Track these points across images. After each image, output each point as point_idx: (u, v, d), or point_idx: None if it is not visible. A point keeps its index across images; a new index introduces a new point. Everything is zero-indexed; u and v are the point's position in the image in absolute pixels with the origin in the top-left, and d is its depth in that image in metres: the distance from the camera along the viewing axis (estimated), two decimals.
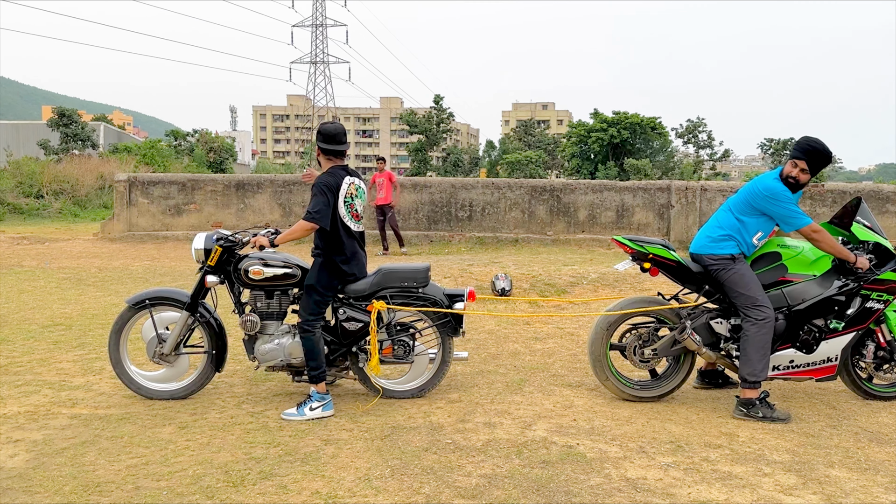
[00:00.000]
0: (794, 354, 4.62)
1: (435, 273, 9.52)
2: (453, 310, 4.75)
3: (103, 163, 28.00)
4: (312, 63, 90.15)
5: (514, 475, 3.59)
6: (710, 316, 4.70)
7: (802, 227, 4.42)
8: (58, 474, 3.55)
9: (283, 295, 4.71)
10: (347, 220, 4.57)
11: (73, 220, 20.80)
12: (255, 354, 4.67)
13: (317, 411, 4.40)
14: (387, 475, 3.57)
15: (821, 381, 4.72)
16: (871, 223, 4.70)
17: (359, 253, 4.69)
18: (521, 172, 51.84)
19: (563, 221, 13.96)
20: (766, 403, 4.46)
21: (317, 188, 4.48)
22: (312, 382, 4.50)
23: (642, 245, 4.70)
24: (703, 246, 4.64)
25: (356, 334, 4.69)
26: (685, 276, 4.72)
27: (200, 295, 4.73)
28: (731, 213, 4.62)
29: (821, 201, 13.11)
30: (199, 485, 3.44)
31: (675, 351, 4.73)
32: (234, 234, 4.74)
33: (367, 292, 4.68)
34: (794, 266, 4.64)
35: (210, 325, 4.75)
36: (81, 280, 9.73)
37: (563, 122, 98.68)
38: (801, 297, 4.59)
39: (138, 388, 4.74)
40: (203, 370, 4.77)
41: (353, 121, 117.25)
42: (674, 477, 3.60)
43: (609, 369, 4.78)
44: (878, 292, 4.58)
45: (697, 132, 61.40)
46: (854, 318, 4.59)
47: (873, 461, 3.87)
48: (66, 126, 36.76)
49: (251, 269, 4.59)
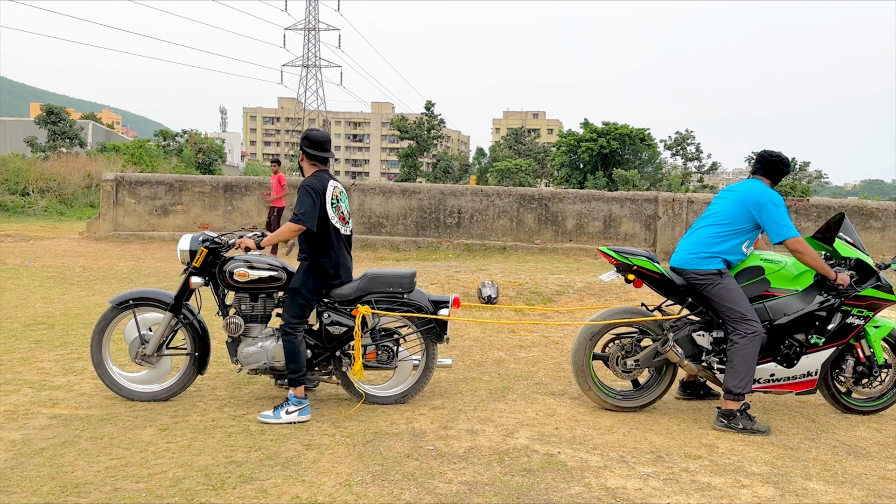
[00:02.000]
0: (774, 368, 4.66)
1: (422, 279, 9.52)
2: (438, 316, 4.75)
3: (91, 161, 27.84)
4: (304, 66, 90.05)
5: (495, 483, 3.60)
6: (693, 328, 4.74)
7: (790, 238, 4.46)
8: (35, 474, 3.52)
9: (267, 298, 4.70)
10: (335, 222, 4.58)
11: (58, 218, 20.66)
12: (237, 357, 4.66)
13: (293, 415, 4.39)
14: (368, 481, 3.57)
15: (801, 394, 4.77)
16: (853, 239, 4.75)
17: (346, 256, 4.70)
18: (510, 180, 51.97)
19: (550, 230, 14.01)
20: (747, 415, 4.49)
21: (303, 190, 4.47)
22: (291, 386, 4.49)
23: (627, 256, 4.73)
24: (688, 261, 4.65)
25: (340, 339, 4.68)
26: (668, 288, 4.75)
27: (184, 296, 4.71)
28: (717, 225, 4.61)
29: (805, 216, 13.23)
30: (179, 487, 3.42)
31: (657, 362, 4.76)
32: (220, 236, 4.73)
33: (352, 297, 4.68)
34: (777, 280, 4.68)
35: (193, 326, 4.73)
36: (65, 279, 9.66)
37: (553, 131, 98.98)
38: (783, 311, 4.64)
39: (120, 388, 4.71)
40: (185, 372, 4.75)
41: (343, 125, 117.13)
42: (653, 487, 3.63)
43: (592, 379, 4.80)
44: (858, 308, 4.63)
45: (686, 144, 61.79)
46: (834, 334, 4.64)
47: (850, 474, 3.91)
48: (54, 124, 36.54)
49: (236, 272, 4.58)
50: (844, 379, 4.86)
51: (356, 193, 14.36)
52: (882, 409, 4.96)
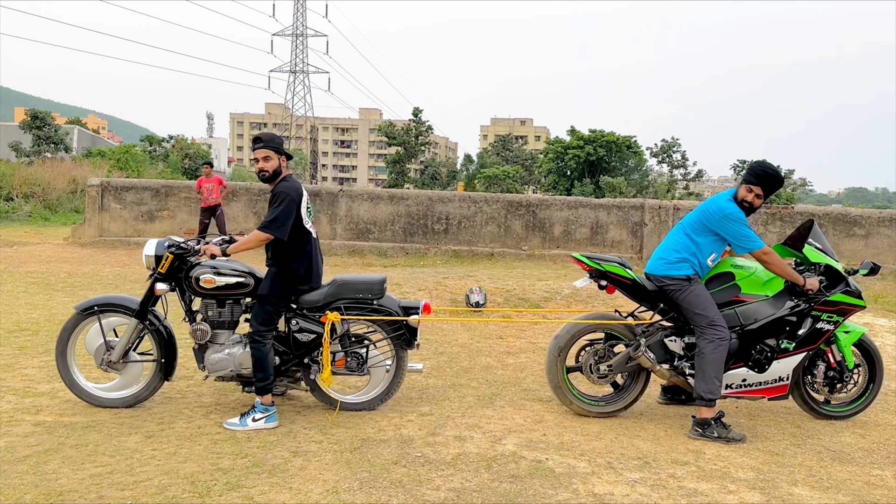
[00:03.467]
0: (746, 373, 4.70)
1: (409, 285, 9.52)
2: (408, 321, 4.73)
3: (76, 167, 27.65)
4: (292, 72, 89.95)
5: (483, 489, 3.59)
6: (665, 334, 4.77)
7: (754, 249, 4.50)
8: (19, 482, 3.48)
9: (235, 304, 4.64)
10: (309, 227, 4.57)
11: (43, 223, 20.48)
12: (204, 364, 4.61)
13: (259, 422, 4.36)
14: (355, 488, 3.56)
15: (773, 399, 4.80)
16: (822, 245, 4.81)
17: (319, 260, 4.68)
18: (498, 187, 52.06)
19: (538, 237, 14.05)
20: (722, 423, 4.52)
21: (280, 197, 4.41)
22: (258, 393, 4.45)
23: (599, 263, 4.76)
24: (658, 267, 4.69)
25: (309, 345, 4.65)
26: (640, 294, 4.78)
27: (150, 302, 4.65)
28: (685, 234, 4.67)
29: (790, 223, 13.34)
30: (165, 495, 3.40)
31: (629, 367, 4.79)
32: (187, 241, 4.66)
33: (321, 303, 4.65)
34: (747, 286, 4.72)
35: (159, 332, 4.67)
36: (50, 285, 9.57)
37: (540, 138, 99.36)
38: (754, 316, 4.67)
39: (80, 392, 4.65)
40: (151, 378, 4.70)
41: (331, 131, 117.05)
42: (640, 493, 3.64)
43: (571, 393, 4.83)
44: (828, 313, 4.68)
45: (672, 152, 62.17)
46: (805, 339, 4.69)
47: (835, 480, 3.93)
48: (38, 128, 36.26)
49: (202, 278, 4.52)
50: (816, 384, 4.90)
51: (344, 199, 14.34)
52: (853, 414, 4.99)
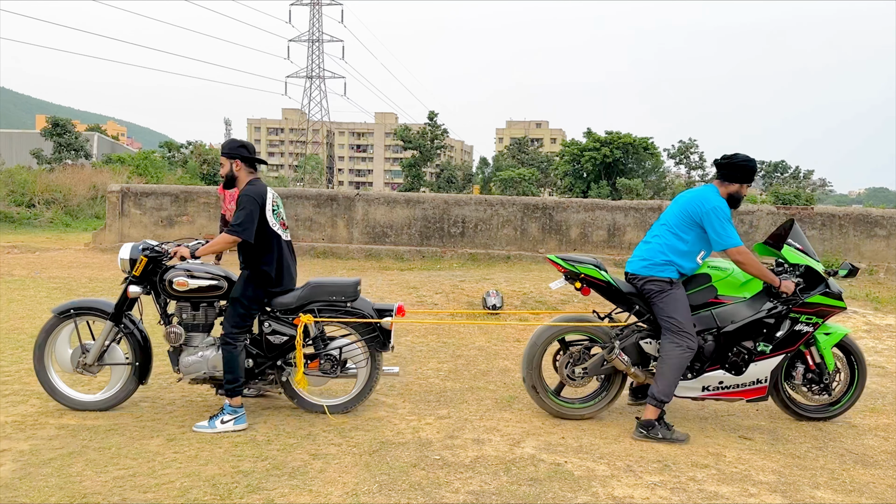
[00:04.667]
0: (723, 376, 4.66)
1: (426, 288, 9.53)
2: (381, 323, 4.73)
3: (96, 173, 27.97)
4: (308, 77, 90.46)
5: (502, 492, 3.60)
6: (640, 336, 4.74)
7: (731, 247, 4.45)
8: (44, 485, 3.53)
9: (209, 307, 4.66)
10: (276, 229, 4.58)
11: (64, 229, 20.72)
12: (178, 367, 4.64)
13: (228, 425, 4.38)
14: (374, 490, 3.57)
15: (751, 402, 4.77)
16: (802, 245, 4.75)
17: (289, 262, 4.68)
18: (514, 190, 52.03)
19: (555, 239, 14.01)
20: (665, 424, 4.48)
21: (243, 200, 4.46)
22: (228, 395, 4.48)
23: (574, 265, 4.75)
24: (642, 268, 4.63)
25: (282, 348, 4.66)
26: (615, 295, 4.75)
27: (125, 305, 4.68)
28: (671, 233, 4.61)
29: (810, 224, 13.22)
30: (187, 497, 3.43)
31: (605, 370, 4.77)
32: (161, 245, 4.69)
33: (295, 305, 4.67)
34: (724, 288, 4.68)
35: (134, 336, 4.71)
36: (72, 290, 9.69)
37: (556, 140, 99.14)
38: (731, 318, 4.63)
39: (54, 393, 4.69)
40: (126, 382, 4.73)
41: (347, 135, 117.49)
42: (660, 496, 3.62)
43: (556, 403, 4.83)
44: (807, 315, 4.63)
45: (689, 153, 61.86)
46: (783, 341, 4.65)
47: (858, 483, 3.90)
48: (59, 136, 36.77)
49: (175, 280, 4.55)
50: (796, 386, 4.85)
51: (360, 204, 14.39)
52: (835, 416, 4.92)
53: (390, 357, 6.44)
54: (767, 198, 43.81)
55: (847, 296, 10.60)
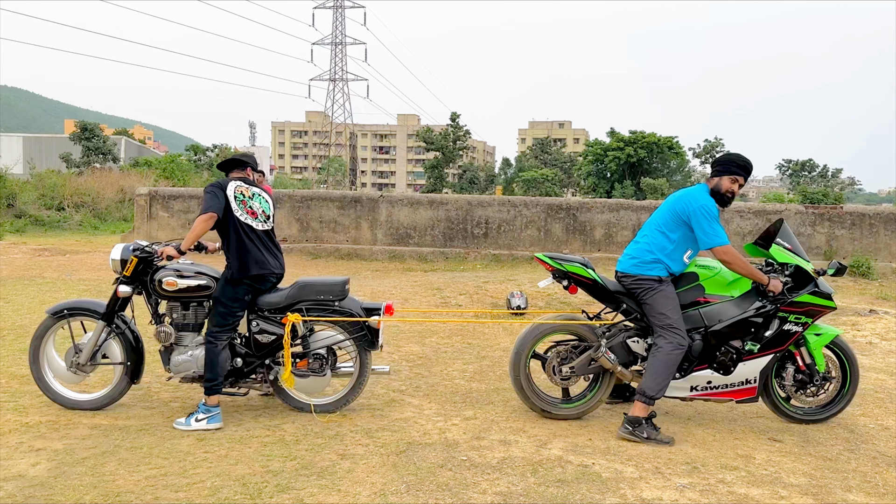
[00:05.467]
0: (711, 375, 4.61)
1: (450, 290, 9.54)
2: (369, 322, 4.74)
3: (124, 176, 28.38)
4: (331, 80, 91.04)
5: (530, 493, 3.59)
6: (628, 335, 4.71)
7: (717, 246, 4.42)
8: (78, 483, 3.60)
9: (198, 306, 4.71)
10: (240, 215, 4.60)
11: (93, 232, 21.05)
12: (169, 365, 4.68)
13: (202, 423, 4.42)
14: (402, 491, 3.59)
15: (742, 402, 4.70)
16: (791, 245, 4.68)
17: (262, 249, 4.65)
18: (536, 190, 51.90)
19: (579, 240, 13.96)
20: (652, 424, 4.44)
21: (205, 190, 4.60)
22: (206, 393, 4.51)
23: (561, 263, 4.74)
24: (631, 266, 4.63)
25: (270, 347, 4.69)
26: (602, 294, 4.74)
27: (116, 306, 4.73)
28: (660, 231, 4.60)
29: (839, 223, 13.03)
30: (217, 497, 3.47)
31: (592, 369, 4.74)
32: (151, 245, 4.74)
33: (283, 305, 4.70)
34: (712, 287, 4.64)
35: (125, 336, 4.76)
36: (101, 292, 9.83)
37: (579, 140, 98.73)
38: (718, 317, 4.59)
39: (56, 397, 4.76)
40: (118, 382, 4.77)
41: (370, 137, 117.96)
42: (689, 498, 3.59)
43: (550, 403, 4.81)
44: (795, 314, 4.57)
45: (715, 152, 61.20)
46: (771, 341, 4.59)
47: (891, 486, 3.84)
48: (87, 140, 37.37)
49: (164, 280, 4.61)
50: (786, 387, 4.78)
51: (384, 205, 14.45)
52: (827, 418, 4.83)
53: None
54: (795, 197, 43.25)
55: (877, 296, 10.47)
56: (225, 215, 4.56)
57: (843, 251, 12.97)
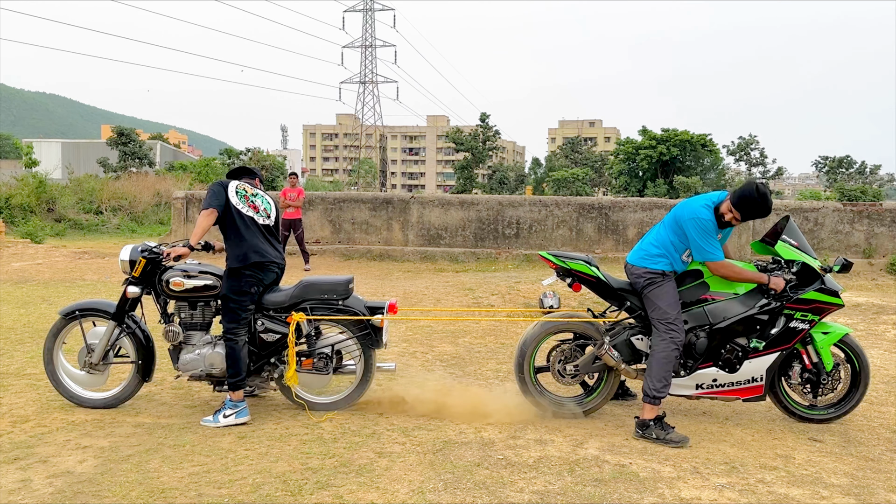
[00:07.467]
0: (716, 373, 4.57)
1: (482, 290, 9.56)
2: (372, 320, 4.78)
3: (159, 180, 28.92)
4: (361, 83, 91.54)
5: (567, 492, 3.60)
6: (632, 333, 4.68)
7: (708, 261, 4.44)
8: (124, 480, 3.69)
9: (206, 306, 4.78)
10: (241, 207, 4.70)
11: (130, 235, 21.47)
12: (177, 364, 4.75)
13: (230, 418, 4.50)
14: (440, 489, 3.62)
15: (748, 401, 4.65)
16: (797, 241, 4.61)
17: (264, 241, 4.73)
18: (567, 190, 51.62)
19: (611, 239, 13.88)
20: (661, 425, 4.39)
21: (208, 188, 4.73)
22: (230, 389, 4.58)
23: (565, 261, 4.75)
24: (639, 258, 4.63)
25: (274, 345, 4.75)
26: (606, 291, 4.72)
27: (126, 306, 4.81)
28: (665, 230, 4.61)
29: (879, 221, 12.78)
30: (259, 493, 3.54)
31: (596, 367, 4.72)
32: (159, 246, 4.81)
33: (287, 304, 4.75)
34: (716, 284, 4.59)
35: (136, 335, 4.83)
36: None
37: (610, 139, 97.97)
38: (723, 315, 4.54)
39: (70, 395, 4.86)
40: (130, 380, 4.86)
41: (399, 139, 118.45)
42: (728, 498, 3.57)
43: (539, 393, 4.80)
44: (801, 312, 4.49)
45: (750, 149, 60.34)
46: (777, 338, 4.52)
47: None
48: (124, 145, 38.09)
49: (172, 280, 4.68)
50: (792, 385, 4.70)
51: (415, 206, 14.51)
52: (836, 418, 4.73)
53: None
54: (832, 194, 42.40)
55: None
56: (226, 211, 4.68)
57: (883, 249, 12.71)
